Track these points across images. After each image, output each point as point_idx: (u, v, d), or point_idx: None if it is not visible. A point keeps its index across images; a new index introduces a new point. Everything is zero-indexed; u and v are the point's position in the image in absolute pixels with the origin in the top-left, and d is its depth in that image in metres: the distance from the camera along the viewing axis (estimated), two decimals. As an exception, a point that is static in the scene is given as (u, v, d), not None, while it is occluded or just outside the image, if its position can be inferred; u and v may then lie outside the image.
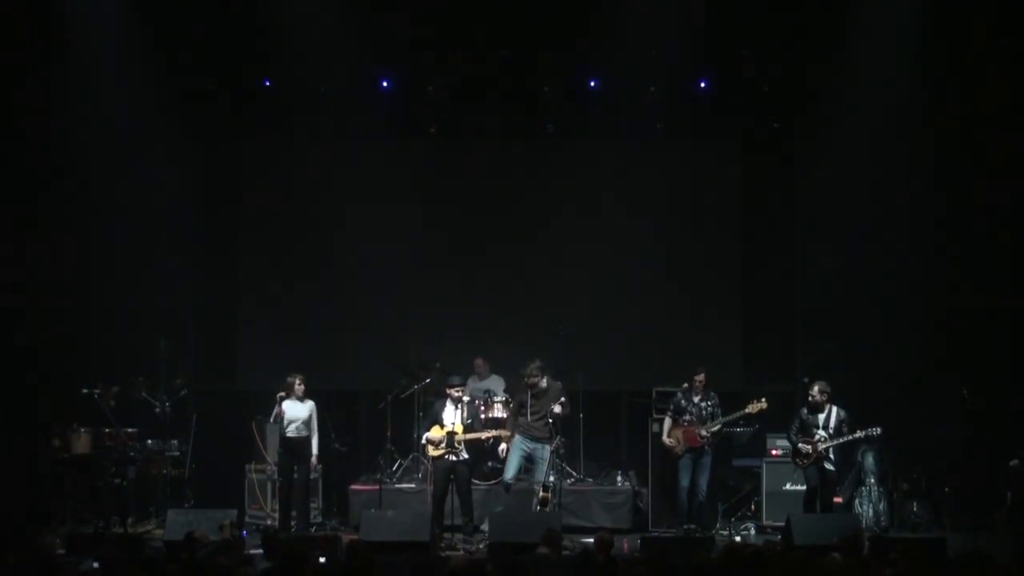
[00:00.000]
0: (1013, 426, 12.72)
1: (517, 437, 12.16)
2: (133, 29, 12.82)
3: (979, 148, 13.20)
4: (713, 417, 12.28)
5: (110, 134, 13.15)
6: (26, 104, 12.92)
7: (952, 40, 12.76)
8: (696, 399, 12.39)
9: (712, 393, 12.42)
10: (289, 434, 12.16)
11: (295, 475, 12.19)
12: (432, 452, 12.05)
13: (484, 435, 12.08)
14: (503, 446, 12.17)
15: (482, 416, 12.80)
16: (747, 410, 12.12)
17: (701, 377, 12.38)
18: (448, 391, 12.11)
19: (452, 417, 11.99)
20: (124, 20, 12.80)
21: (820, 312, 14.23)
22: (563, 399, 12.07)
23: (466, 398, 12.35)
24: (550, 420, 12.10)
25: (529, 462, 12.32)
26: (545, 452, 12.12)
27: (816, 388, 11.87)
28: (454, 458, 11.89)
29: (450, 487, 11.92)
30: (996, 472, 12.46)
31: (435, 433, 12.00)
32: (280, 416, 12.07)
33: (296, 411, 12.22)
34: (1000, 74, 12.85)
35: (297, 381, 12.22)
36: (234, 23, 13.05)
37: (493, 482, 12.75)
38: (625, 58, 13.37)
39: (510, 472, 12.17)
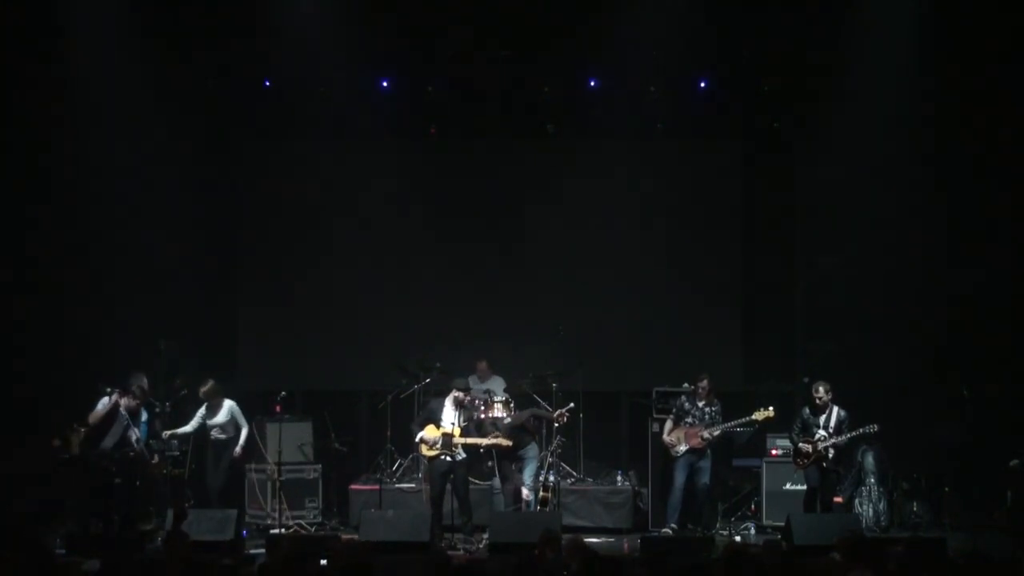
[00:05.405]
0: (1013, 426, 12.72)
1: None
2: (133, 28, 12.81)
3: (980, 147, 13.20)
4: (715, 423, 12.29)
5: (110, 134, 13.15)
6: (25, 104, 12.90)
7: (952, 39, 12.76)
8: (700, 404, 12.40)
9: (715, 400, 12.43)
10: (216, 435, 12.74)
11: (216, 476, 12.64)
12: (426, 452, 12.04)
13: (483, 442, 12.08)
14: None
15: (482, 416, 12.79)
16: (753, 416, 12.13)
17: (705, 383, 12.39)
18: (455, 394, 12.09)
19: (451, 418, 11.98)
20: (124, 19, 12.78)
21: (820, 312, 14.25)
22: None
23: (467, 398, 12.32)
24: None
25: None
26: (531, 451, 12.42)
27: (821, 389, 11.87)
28: (450, 459, 11.89)
29: (447, 488, 11.93)
30: (996, 472, 12.46)
31: (429, 433, 11.97)
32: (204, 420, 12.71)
33: (219, 415, 12.71)
34: (1000, 73, 12.85)
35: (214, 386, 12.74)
36: (234, 23, 13.05)
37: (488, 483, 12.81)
38: (625, 58, 13.39)
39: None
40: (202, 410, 12.71)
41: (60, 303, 13.28)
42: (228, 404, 12.73)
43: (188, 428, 12.72)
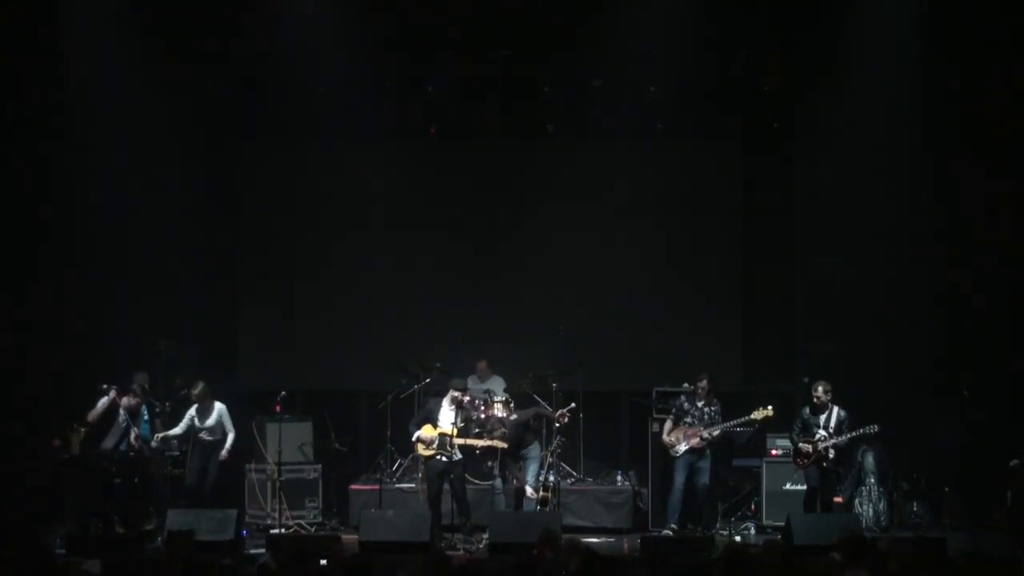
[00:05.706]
0: (1013, 426, 12.72)
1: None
2: (133, 28, 12.81)
3: (979, 147, 13.19)
4: (715, 423, 12.28)
5: (110, 134, 13.14)
6: (25, 104, 12.90)
7: (951, 39, 12.76)
8: (699, 404, 12.39)
9: (715, 399, 12.42)
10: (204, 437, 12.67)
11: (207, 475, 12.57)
12: (423, 451, 12.04)
13: (480, 443, 12.07)
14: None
15: (482, 416, 12.79)
16: (753, 416, 12.11)
17: (704, 383, 12.37)
18: (453, 393, 12.09)
19: (449, 418, 11.98)
20: (124, 19, 12.77)
21: (820, 312, 14.24)
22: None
23: (466, 398, 12.34)
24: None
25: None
26: (533, 451, 12.40)
27: (820, 389, 11.87)
28: (446, 459, 11.89)
29: (444, 488, 11.93)
30: (996, 472, 12.45)
31: (427, 432, 11.98)
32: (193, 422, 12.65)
33: (209, 418, 12.62)
34: (1000, 72, 12.84)
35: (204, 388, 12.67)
36: (234, 23, 13.05)
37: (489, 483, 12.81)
38: (625, 58, 13.39)
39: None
40: (192, 412, 12.67)
41: (60, 303, 13.26)
42: (218, 407, 12.69)
43: (178, 430, 12.68)
